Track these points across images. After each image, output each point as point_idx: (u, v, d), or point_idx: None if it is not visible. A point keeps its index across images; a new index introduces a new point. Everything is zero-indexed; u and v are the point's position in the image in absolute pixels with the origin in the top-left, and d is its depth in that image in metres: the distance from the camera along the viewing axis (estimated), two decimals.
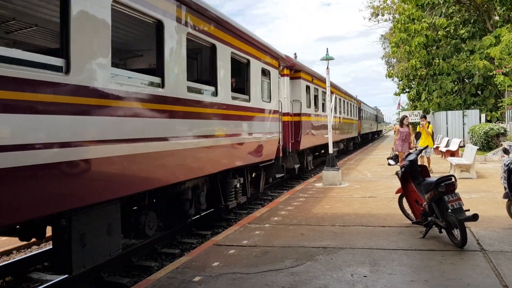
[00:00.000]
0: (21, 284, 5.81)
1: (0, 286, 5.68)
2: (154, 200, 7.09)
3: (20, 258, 6.39)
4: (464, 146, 18.60)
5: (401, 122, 14.71)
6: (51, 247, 5.91)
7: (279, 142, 11.23)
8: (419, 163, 7.24)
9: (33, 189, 3.85)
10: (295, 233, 6.99)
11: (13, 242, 7.08)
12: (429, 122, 15.45)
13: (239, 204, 9.53)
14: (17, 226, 5.08)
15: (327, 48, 13.30)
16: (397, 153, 13.31)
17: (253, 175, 10.77)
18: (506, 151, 7.71)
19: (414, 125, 27.80)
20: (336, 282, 4.73)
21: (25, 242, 6.66)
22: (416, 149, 8.06)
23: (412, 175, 6.84)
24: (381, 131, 73.75)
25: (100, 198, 4.80)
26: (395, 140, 14.39)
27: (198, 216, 8.58)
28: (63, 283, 5.31)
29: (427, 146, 12.94)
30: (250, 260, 5.59)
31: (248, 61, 9.19)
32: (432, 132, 15.61)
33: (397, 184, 7.45)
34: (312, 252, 5.87)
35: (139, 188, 5.59)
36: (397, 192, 7.53)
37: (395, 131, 15.21)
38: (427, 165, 11.07)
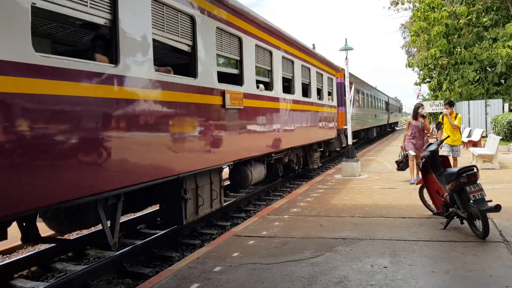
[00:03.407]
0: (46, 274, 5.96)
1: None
2: None
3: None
4: (486, 136, 18.27)
5: (415, 112, 10.78)
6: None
7: None
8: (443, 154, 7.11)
9: None
10: (315, 224, 6.99)
11: None
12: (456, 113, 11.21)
13: None
14: None
15: (345, 38, 13.12)
16: (407, 153, 10.52)
17: None
18: None
19: (435, 116, 27.35)
20: (356, 273, 4.73)
21: None
22: (437, 139, 7.94)
23: (433, 165, 6.77)
24: (395, 123, 58.79)
25: None
26: (404, 137, 10.78)
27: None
28: (87, 273, 5.43)
29: (448, 137, 9.88)
30: (270, 251, 5.63)
31: None
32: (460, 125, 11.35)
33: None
34: (332, 243, 5.87)
35: None
36: (417, 183, 7.47)
37: (407, 124, 10.87)
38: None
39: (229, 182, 9.84)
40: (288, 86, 11.42)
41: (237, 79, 8.18)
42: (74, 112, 4.33)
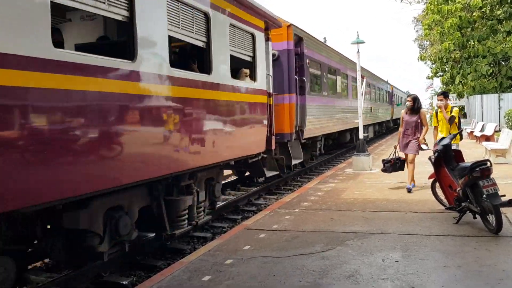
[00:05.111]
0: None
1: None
2: None
3: None
4: (499, 130, 18.06)
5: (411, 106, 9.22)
6: None
7: None
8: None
9: None
10: (325, 218, 6.99)
11: None
12: (456, 106, 9.46)
13: None
14: None
15: (357, 32, 13.08)
16: (401, 155, 9.52)
17: None
18: None
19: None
20: (367, 267, 4.73)
21: None
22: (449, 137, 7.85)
23: (446, 160, 6.72)
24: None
25: None
26: (399, 135, 9.52)
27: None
28: (100, 265, 5.49)
29: (461, 131, 8.47)
30: (281, 244, 5.64)
31: None
32: (459, 120, 9.17)
33: (430, 169, 7.33)
34: (343, 237, 5.87)
35: None
36: (429, 178, 7.41)
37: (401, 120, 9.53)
38: None
39: None
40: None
41: None
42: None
